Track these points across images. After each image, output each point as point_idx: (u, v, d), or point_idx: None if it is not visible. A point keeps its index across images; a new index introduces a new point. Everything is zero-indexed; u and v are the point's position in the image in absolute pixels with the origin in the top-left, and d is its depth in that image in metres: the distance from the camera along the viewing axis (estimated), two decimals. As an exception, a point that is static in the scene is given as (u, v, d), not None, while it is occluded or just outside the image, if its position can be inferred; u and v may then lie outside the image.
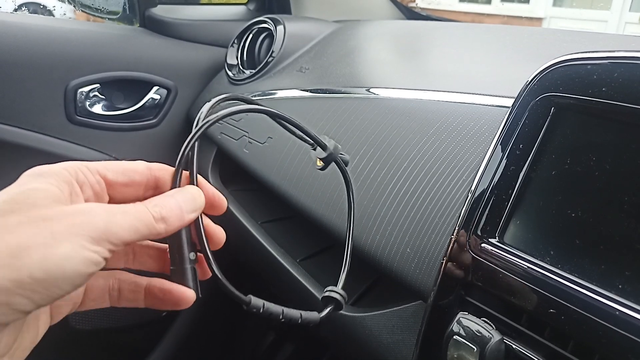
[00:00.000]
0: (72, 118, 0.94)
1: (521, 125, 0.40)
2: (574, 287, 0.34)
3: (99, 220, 0.24)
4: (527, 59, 0.66)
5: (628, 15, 3.04)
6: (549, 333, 0.35)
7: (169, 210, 0.27)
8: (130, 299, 0.31)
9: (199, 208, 0.29)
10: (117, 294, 0.30)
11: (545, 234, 0.37)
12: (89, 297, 0.30)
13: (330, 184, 0.61)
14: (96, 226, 0.24)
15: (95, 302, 0.30)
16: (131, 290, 0.31)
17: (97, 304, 0.30)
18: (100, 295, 0.30)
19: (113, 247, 0.24)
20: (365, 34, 0.92)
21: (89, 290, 0.30)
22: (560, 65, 0.39)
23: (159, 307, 0.30)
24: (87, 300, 0.30)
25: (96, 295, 0.30)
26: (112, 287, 0.30)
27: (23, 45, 0.88)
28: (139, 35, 1.04)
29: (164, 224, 0.27)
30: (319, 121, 0.69)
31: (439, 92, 0.61)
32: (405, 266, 0.49)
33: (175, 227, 0.27)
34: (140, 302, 0.31)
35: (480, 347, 0.36)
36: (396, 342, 0.51)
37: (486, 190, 0.40)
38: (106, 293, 0.30)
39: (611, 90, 0.35)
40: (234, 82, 0.96)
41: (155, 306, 0.30)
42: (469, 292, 0.40)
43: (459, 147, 0.51)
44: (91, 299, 0.30)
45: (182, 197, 0.28)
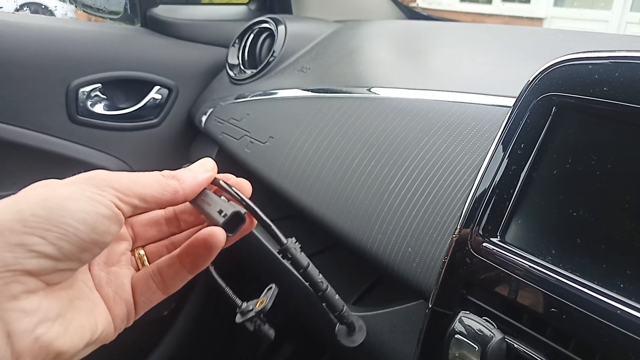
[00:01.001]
0: (74, 118, 0.94)
1: (522, 124, 0.40)
2: (575, 286, 0.34)
3: (102, 174, 0.26)
4: (528, 58, 0.66)
5: (629, 15, 3.03)
6: (551, 332, 0.35)
7: (180, 172, 0.29)
8: (173, 274, 0.30)
9: (211, 168, 0.31)
10: (160, 277, 0.30)
11: (547, 233, 0.37)
12: (138, 292, 0.30)
13: (332, 184, 0.61)
14: (100, 177, 0.25)
15: (146, 297, 0.30)
16: (169, 265, 0.30)
17: (148, 297, 0.30)
18: (145, 286, 0.30)
19: (122, 195, 0.25)
20: (367, 33, 0.92)
21: (134, 287, 0.30)
22: (561, 64, 0.39)
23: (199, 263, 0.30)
24: (137, 296, 0.30)
25: (142, 288, 0.30)
26: (152, 273, 0.31)
27: (25, 45, 0.88)
28: (140, 35, 1.04)
29: (176, 180, 0.28)
30: (320, 121, 0.69)
31: (440, 91, 0.61)
32: (406, 265, 0.49)
33: (189, 184, 0.29)
34: (182, 273, 0.30)
35: (482, 346, 0.36)
36: (398, 341, 0.51)
37: (488, 190, 0.40)
38: (150, 280, 0.30)
39: (612, 90, 0.35)
40: (235, 81, 0.96)
41: (197, 265, 0.30)
42: (471, 291, 0.40)
43: (460, 146, 0.52)
44: (140, 294, 0.30)
45: (193, 165, 0.31)
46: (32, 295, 0.23)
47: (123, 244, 0.31)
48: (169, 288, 0.31)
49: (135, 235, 0.32)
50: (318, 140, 0.67)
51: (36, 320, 0.22)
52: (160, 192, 0.27)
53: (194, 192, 0.29)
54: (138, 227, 0.33)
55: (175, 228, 0.33)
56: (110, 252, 0.30)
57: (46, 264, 0.23)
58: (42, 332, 0.22)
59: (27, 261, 0.22)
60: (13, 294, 0.22)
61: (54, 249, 0.23)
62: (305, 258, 0.30)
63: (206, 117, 0.94)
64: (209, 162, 0.31)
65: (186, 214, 0.33)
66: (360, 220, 0.56)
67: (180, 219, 0.34)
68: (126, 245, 0.32)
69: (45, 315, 0.23)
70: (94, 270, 0.29)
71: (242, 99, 0.89)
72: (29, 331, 0.22)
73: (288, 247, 0.30)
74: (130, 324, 0.30)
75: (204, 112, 0.96)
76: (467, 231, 0.40)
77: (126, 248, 0.32)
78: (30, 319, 0.22)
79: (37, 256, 0.22)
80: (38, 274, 0.23)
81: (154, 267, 0.31)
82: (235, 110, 0.88)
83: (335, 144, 0.65)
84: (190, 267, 0.30)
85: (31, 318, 0.22)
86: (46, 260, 0.23)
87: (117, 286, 0.29)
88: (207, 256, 0.29)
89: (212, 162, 0.31)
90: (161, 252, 0.32)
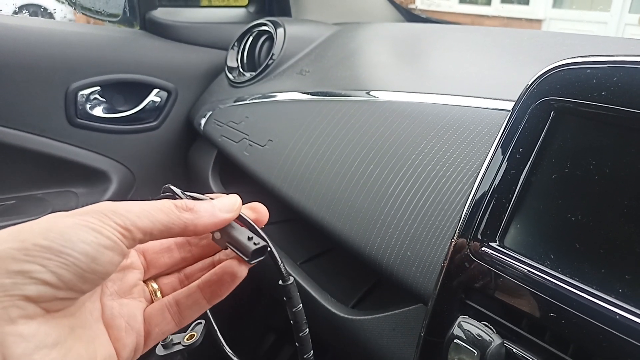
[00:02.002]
0: (73, 121, 0.94)
1: (521, 128, 0.40)
2: (574, 291, 0.34)
3: (108, 206, 0.26)
4: (527, 62, 0.66)
5: (627, 17, 3.04)
6: (549, 337, 0.35)
7: (200, 205, 0.28)
8: (191, 305, 0.31)
9: (235, 209, 0.30)
10: (176, 308, 0.31)
11: (545, 237, 0.37)
12: (152, 324, 0.30)
13: (331, 187, 0.61)
14: (105, 209, 0.25)
15: (160, 328, 0.30)
16: (187, 295, 0.31)
17: (162, 329, 0.30)
18: (161, 317, 0.30)
19: (124, 231, 0.25)
20: (366, 36, 0.92)
21: (148, 318, 0.30)
22: (560, 69, 0.39)
23: (220, 292, 0.30)
24: (151, 328, 0.30)
25: (157, 319, 0.30)
26: (169, 304, 0.31)
27: (24, 47, 0.88)
28: (139, 37, 1.04)
29: (190, 214, 0.28)
30: (319, 124, 0.69)
31: (439, 95, 0.61)
32: (405, 269, 0.49)
33: (204, 222, 0.28)
34: (201, 301, 0.31)
35: (481, 351, 0.36)
36: (397, 346, 0.51)
37: (486, 194, 0.40)
38: (166, 312, 0.30)
39: (611, 95, 0.35)
40: (234, 84, 0.97)
41: (217, 294, 0.30)
42: (470, 295, 0.40)
43: (459, 150, 0.52)
44: (154, 325, 0.30)
45: (215, 200, 0.30)
46: (31, 320, 0.23)
47: (135, 274, 0.31)
48: (184, 319, 0.31)
49: (148, 263, 0.32)
50: (317, 143, 0.67)
51: (33, 346, 0.22)
52: (168, 226, 0.27)
53: (206, 229, 0.29)
54: (150, 255, 0.33)
55: (187, 253, 0.33)
56: (123, 283, 0.31)
57: (45, 291, 0.23)
58: (39, 358, 0.22)
59: (25, 287, 0.22)
60: (11, 318, 0.22)
61: (54, 277, 0.23)
62: (299, 299, 0.32)
63: (205, 120, 0.94)
64: (235, 202, 0.30)
65: (197, 239, 0.33)
66: (359, 223, 0.56)
67: (192, 243, 0.33)
68: (138, 274, 0.32)
69: (42, 341, 0.23)
70: (105, 300, 0.29)
71: (241, 102, 0.89)
72: (27, 355, 0.22)
73: (291, 286, 0.32)
74: (137, 357, 0.30)
75: (203, 114, 0.96)
76: (466, 235, 0.40)
77: (138, 278, 0.32)
78: (28, 344, 0.22)
79: (36, 283, 0.22)
80: (37, 301, 0.23)
81: (171, 298, 0.31)
82: (234, 113, 0.88)
83: (335, 147, 0.65)
84: (211, 297, 0.31)
85: (28, 343, 0.22)
86: (45, 287, 0.23)
87: (129, 317, 0.29)
88: (230, 285, 0.30)
89: (238, 203, 0.30)
90: (174, 284, 0.33)
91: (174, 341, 0.43)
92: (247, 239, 0.30)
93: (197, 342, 0.41)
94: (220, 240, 0.30)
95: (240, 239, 0.30)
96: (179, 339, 0.43)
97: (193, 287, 0.31)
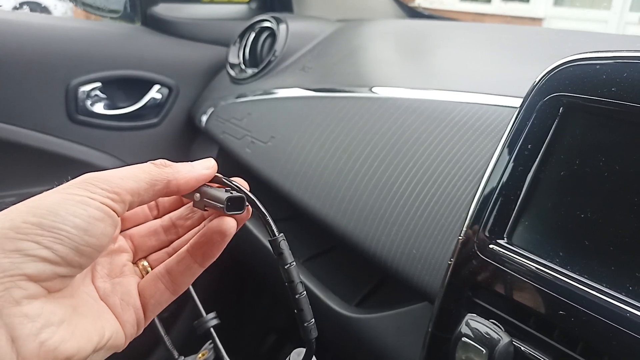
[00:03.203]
0: (73, 117, 0.93)
1: (529, 125, 0.39)
2: (583, 289, 0.34)
3: (91, 176, 0.26)
4: (531, 58, 0.66)
5: (628, 16, 3.04)
6: (558, 334, 0.35)
7: (176, 163, 0.29)
8: (183, 270, 0.30)
9: (211, 166, 0.30)
10: (168, 277, 0.30)
11: (554, 235, 0.37)
12: (147, 296, 0.30)
13: (334, 184, 0.61)
14: (89, 180, 0.25)
15: (155, 298, 0.30)
16: (178, 262, 0.30)
17: (158, 299, 0.30)
18: (154, 288, 0.30)
19: (113, 195, 0.25)
20: (368, 33, 0.91)
21: (142, 291, 0.30)
22: (569, 64, 0.38)
23: (212, 252, 0.30)
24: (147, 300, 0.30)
25: (151, 290, 0.30)
26: (160, 274, 0.31)
27: (24, 43, 0.88)
28: (140, 33, 1.04)
29: (171, 169, 0.28)
30: (322, 120, 0.69)
31: (443, 91, 0.61)
32: (411, 267, 0.49)
33: (184, 175, 0.29)
34: (192, 266, 0.30)
35: (489, 349, 0.35)
36: (402, 344, 0.51)
37: (494, 191, 0.40)
38: (158, 282, 0.30)
39: (620, 90, 0.35)
40: (235, 81, 0.96)
41: (209, 254, 0.30)
42: (477, 293, 0.40)
43: (464, 147, 0.51)
44: (149, 297, 0.30)
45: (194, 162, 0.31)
46: (34, 300, 0.23)
47: (124, 256, 0.31)
48: (178, 287, 0.31)
49: (135, 246, 0.32)
50: (320, 140, 0.67)
51: (40, 325, 0.22)
52: (152, 182, 0.27)
53: (188, 184, 0.29)
54: (137, 239, 0.33)
55: (174, 235, 0.33)
56: (112, 264, 0.31)
57: (44, 268, 0.23)
58: (47, 336, 0.22)
59: (25, 265, 0.22)
60: (15, 299, 0.22)
61: (50, 253, 0.23)
62: (291, 256, 0.31)
63: (207, 117, 0.94)
64: (210, 161, 0.31)
65: (183, 220, 0.34)
66: (364, 221, 0.55)
67: (178, 225, 0.33)
68: (127, 256, 0.32)
69: (48, 320, 0.23)
70: (97, 283, 0.29)
71: (243, 99, 0.88)
72: (34, 335, 0.22)
73: (280, 239, 0.31)
74: (141, 331, 0.30)
75: (204, 111, 0.96)
76: (473, 233, 0.40)
77: (127, 259, 0.32)
78: (34, 324, 0.22)
79: (35, 260, 0.22)
80: (38, 279, 0.23)
81: (162, 268, 0.31)
82: (236, 110, 0.87)
83: (338, 144, 0.64)
84: (202, 259, 0.30)
85: (35, 323, 0.22)
86: (44, 264, 0.23)
87: (122, 293, 0.29)
88: (220, 243, 0.30)
89: (213, 162, 0.31)
90: (163, 259, 0.32)
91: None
92: (224, 192, 0.30)
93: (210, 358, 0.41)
94: (199, 202, 0.30)
95: (217, 194, 0.29)
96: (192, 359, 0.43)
97: (182, 252, 0.30)
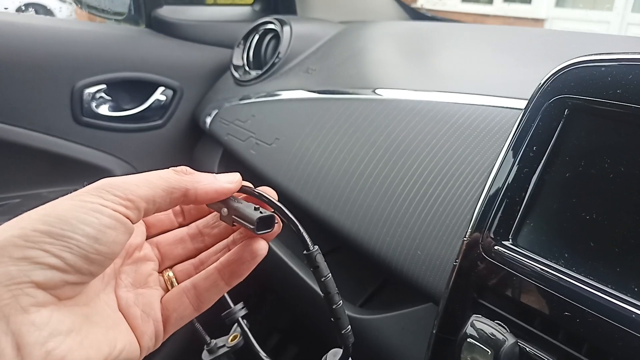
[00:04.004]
0: (79, 119, 0.94)
1: (534, 126, 0.40)
2: (588, 290, 0.34)
3: (106, 182, 0.25)
4: (535, 60, 0.66)
5: (630, 17, 3.04)
6: (564, 336, 0.35)
7: (199, 172, 0.28)
8: (209, 287, 0.30)
9: (235, 180, 0.30)
10: (194, 292, 0.30)
11: (560, 236, 0.37)
12: (170, 309, 0.30)
13: (339, 186, 0.61)
14: (103, 186, 0.25)
15: (178, 313, 0.30)
16: (205, 278, 0.30)
17: (180, 314, 0.30)
18: (178, 302, 0.30)
19: (127, 202, 0.25)
20: (372, 34, 0.92)
21: (165, 304, 0.30)
22: (574, 66, 0.39)
23: (240, 272, 0.30)
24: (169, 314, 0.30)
25: (175, 304, 0.30)
26: (186, 289, 0.30)
27: (30, 46, 0.88)
28: (144, 36, 1.04)
29: (190, 177, 0.27)
30: (326, 122, 0.69)
31: (447, 93, 0.61)
32: (416, 268, 0.49)
33: (204, 185, 0.28)
34: (219, 283, 0.30)
35: (495, 350, 0.36)
36: (406, 345, 0.51)
37: (499, 192, 0.40)
38: (183, 296, 0.30)
39: (626, 92, 0.35)
40: (240, 83, 0.96)
41: (237, 274, 0.30)
42: (482, 294, 0.40)
43: (469, 148, 0.51)
44: (172, 311, 0.30)
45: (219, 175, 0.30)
46: (43, 308, 0.22)
47: (150, 264, 0.31)
48: (202, 303, 0.30)
49: (162, 255, 0.32)
50: (325, 141, 0.67)
51: (47, 334, 0.22)
52: (169, 190, 0.26)
53: (207, 195, 0.28)
54: (164, 247, 0.32)
55: (200, 243, 0.33)
56: (137, 273, 0.30)
57: (52, 275, 0.22)
58: (54, 345, 0.22)
59: (33, 273, 0.22)
60: (22, 307, 0.22)
61: (58, 261, 0.22)
62: (327, 269, 0.30)
63: (211, 119, 0.94)
64: (235, 175, 0.30)
65: (209, 228, 0.33)
66: (368, 222, 0.55)
67: (204, 233, 0.33)
68: (152, 265, 0.31)
69: (56, 329, 0.23)
70: (120, 292, 0.29)
71: (247, 100, 0.89)
72: (40, 344, 0.22)
73: (315, 253, 0.30)
74: (158, 344, 0.30)
75: (208, 113, 0.96)
76: (479, 234, 0.40)
77: (153, 269, 0.31)
78: (41, 332, 0.22)
79: (42, 267, 0.22)
80: (46, 287, 0.22)
81: (188, 283, 0.30)
82: (240, 112, 0.88)
83: (342, 145, 0.64)
84: (229, 278, 0.30)
85: (41, 331, 0.22)
86: (52, 272, 0.22)
87: (144, 305, 0.29)
88: (250, 264, 0.29)
89: (238, 176, 0.30)
90: (189, 271, 0.32)
91: (218, 344, 0.42)
92: (254, 209, 0.29)
93: (240, 342, 0.40)
94: (227, 217, 0.29)
95: (246, 210, 0.29)
96: (223, 342, 0.43)
97: (211, 269, 0.30)
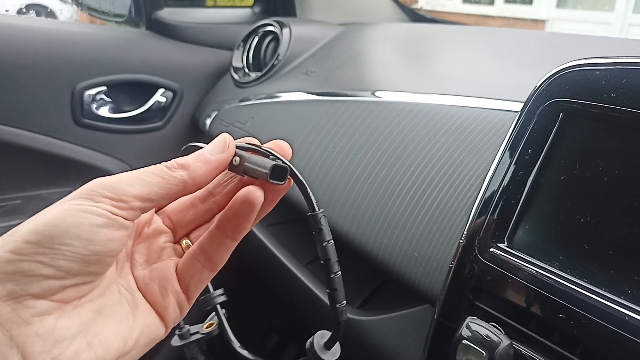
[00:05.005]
0: (79, 120, 0.94)
1: (530, 130, 0.40)
2: (582, 292, 0.34)
3: (97, 183, 0.24)
4: (534, 63, 0.66)
5: (631, 18, 3.03)
6: (558, 338, 0.35)
7: (189, 158, 0.27)
8: (216, 247, 0.29)
9: (226, 147, 0.28)
10: (203, 255, 0.29)
11: (554, 239, 0.37)
12: (187, 277, 0.29)
13: (337, 188, 0.62)
14: (94, 188, 0.24)
15: (196, 278, 0.29)
16: (210, 239, 0.29)
17: (198, 279, 0.29)
18: (193, 268, 0.29)
19: (119, 203, 0.24)
20: (371, 36, 0.92)
21: (181, 273, 0.29)
22: (569, 70, 0.39)
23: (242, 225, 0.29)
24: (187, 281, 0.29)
25: (190, 271, 0.29)
26: (195, 253, 0.29)
27: (30, 47, 0.89)
28: (145, 38, 1.05)
29: (184, 170, 0.26)
30: (325, 124, 0.70)
31: (445, 95, 0.61)
32: (412, 270, 0.49)
33: (200, 172, 0.27)
34: (225, 241, 0.29)
35: (489, 351, 0.36)
36: (403, 346, 0.51)
37: (495, 195, 0.40)
38: (195, 262, 0.29)
39: (620, 96, 0.35)
40: (239, 84, 0.97)
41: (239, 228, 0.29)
42: (478, 296, 0.40)
43: (466, 151, 0.52)
44: (189, 277, 0.29)
45: (206, 147, 0.28)
46: (46, 317, 0.22)
47: (162, 238, 0.30)
48: (215, 264, 0.29)
49: (174, 224, 0.31)
50: (323, 143, 0.67)
51: (51, 342, 0.22)
52: (166, 187, 0.26)
53: (206, 178, 0.27)
54: (175, 215, 0.31)
55: (212, 204, 0.32)
56: (150, 249, 0.30)
57: (49, 285, 0.22)
58: (59, 352, 0.22)
59: (29, 286, 0.22)
60: (24, 319, 0.22)
61: (52, 270, 0.22)
62: (330, 234, 0.29)
63: (211, 120, 0.94)
64: (223, 140, 0.28)
65: (220, 187, 0.32)
66: (366, 224, 0.56)
67: (215, 193, 0.32)
68: (165, 238, 0.31)
69: (61, 335, 0.22)
70: (137, 272, 0.29)
71: (247, 102, 0.89)
72: (45, 353, 0.22)
73: (320, 215, 0.29)
74: (185, 313, 0.29)
75: (208, 115, 0.96)
76: (474, 236, 0.41)
77: (165, 241, 0.30)
78: (45, 342, 0.22)
79: (38, 279, 0.22)
80: (45, 296, 0.22)
81: (196, 247, 0.29)
82: (240, 113, 0.88)
83: (341, 147, 0.65)
84: (233, 233, 0.29)
85: (46, 340, 0.22)
86: (48, 282, 0.22)
87: (160, 279, 0.28)
88: (249, 215, 0.28)
89: (227, 139, 0.29)
90: None
91: (192, 331, 0.42)
92: (268, 158, 0.28)
93: (214, 331, 0.40)
94: (238, 167, 0.28)
95: (259, 159, 0.27)
96: (197, 329, 0.42)
97: (213, 229, 0.29)
